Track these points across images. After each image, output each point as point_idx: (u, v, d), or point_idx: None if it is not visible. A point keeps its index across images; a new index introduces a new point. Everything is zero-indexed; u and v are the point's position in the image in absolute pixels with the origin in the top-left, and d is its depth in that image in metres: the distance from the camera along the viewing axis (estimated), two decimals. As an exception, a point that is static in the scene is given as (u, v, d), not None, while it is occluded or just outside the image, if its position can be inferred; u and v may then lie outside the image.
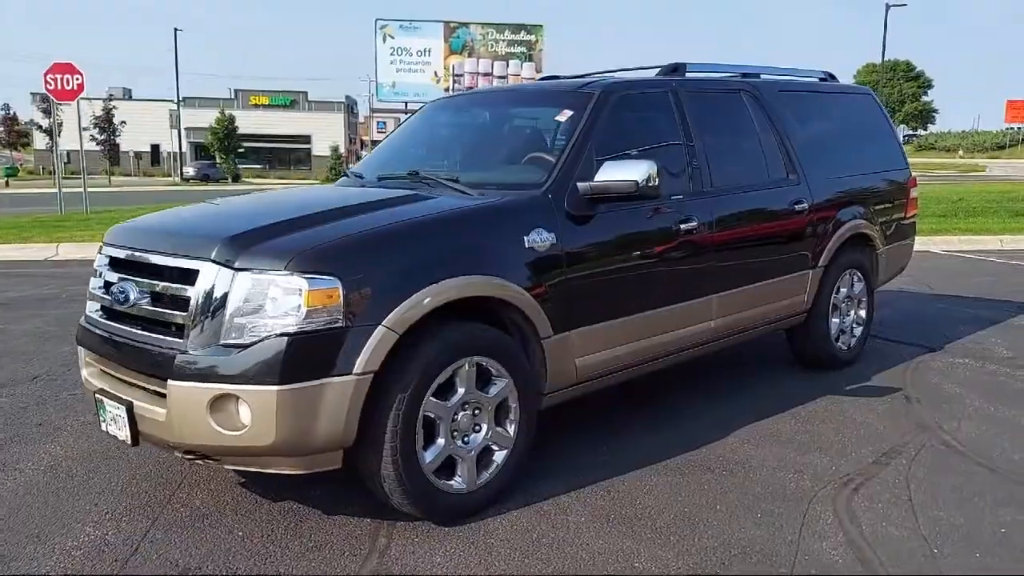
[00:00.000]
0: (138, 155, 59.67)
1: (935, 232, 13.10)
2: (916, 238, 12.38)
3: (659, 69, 4.71)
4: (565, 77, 5.01)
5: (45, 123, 37.58)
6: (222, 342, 2.95)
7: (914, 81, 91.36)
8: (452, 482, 3.28)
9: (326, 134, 59.58)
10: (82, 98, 19.16)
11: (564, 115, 4.02)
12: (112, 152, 52.30)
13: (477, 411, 3.34)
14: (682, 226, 4.14)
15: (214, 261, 3.02)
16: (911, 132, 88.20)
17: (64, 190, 20.07)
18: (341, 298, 2.93)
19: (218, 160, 52.47)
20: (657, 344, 4.12)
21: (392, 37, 33.85)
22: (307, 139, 60.14)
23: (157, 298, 3.21)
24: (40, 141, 57.60)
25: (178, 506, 3.48)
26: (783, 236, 4.83)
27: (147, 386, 3.17)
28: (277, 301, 2.91)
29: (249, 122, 57.92)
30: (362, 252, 3.09)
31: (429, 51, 33.64)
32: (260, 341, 2.89)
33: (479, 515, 3.33)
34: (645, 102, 4.35)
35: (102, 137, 49.10)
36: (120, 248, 3.44)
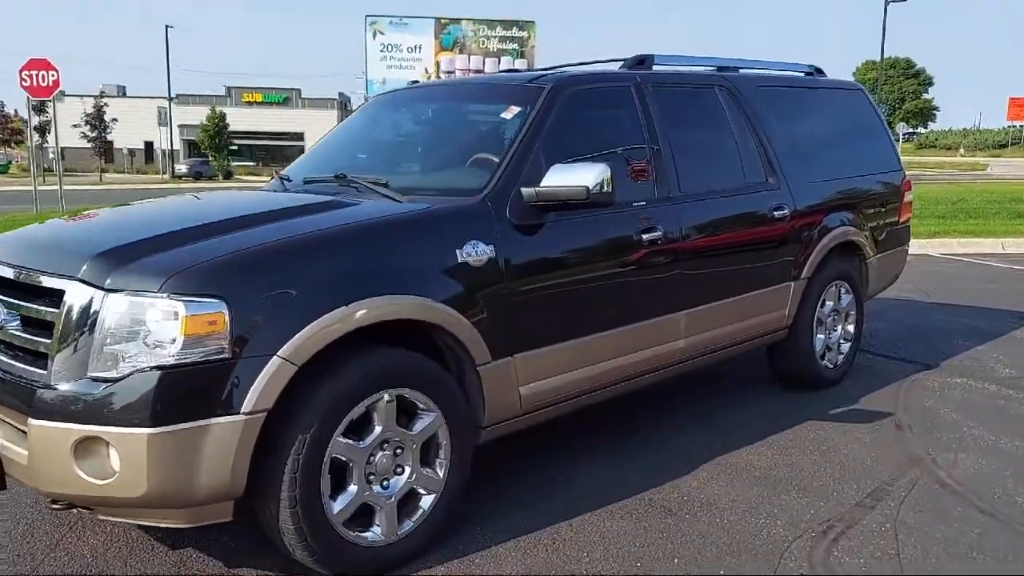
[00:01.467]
0: (132, 152, 59.15)
1: (934, 235, 12.66)
2: (914, 241, 12.22)
3: (622, 62, 4.27)
4: (525, 71, 4.57)
5: (36, 120, 37.07)
6: (90, 374, 2.51)
7: (914, 78, 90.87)
8: (368, 534, 2.84)
9: (319, 131, 58.53)
10: (72, 95, 18.78)
11: (510, 112, 3.58)
12: (106, 149, 51.81)
13: (399, 451, 2.90)
14: (644, 236, 3.69)
15: (82, 280, 2.58)
16: (911, 130, 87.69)
17: (51, 188, 19.63)
18: (227, 324, 2.49)
19: (209, 158, 51.98)
20: (617, 367, 3.68)
21: (382, 33, 33.35)
22: (300, 136, 59.59)
23: (26, 321, 2.77)
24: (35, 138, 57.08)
25: (63, 555, 3.04)
26: (761, 245, 4.39)
27: (12, 422, 2.73)
28: (151, 328, 2.48)
29: (242, 119, 57.40)
30: (255, 270, 2.64)
31: (420, 47, 33.16)
32: (131, 375, 2.45)
33: (398, 571, 2.89)
34: (604, 98, 3.90)
35: (93, 134, 48.60)
36: (-7, 262, 2.99)
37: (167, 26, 49.35)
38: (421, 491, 2.98)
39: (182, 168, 51.73)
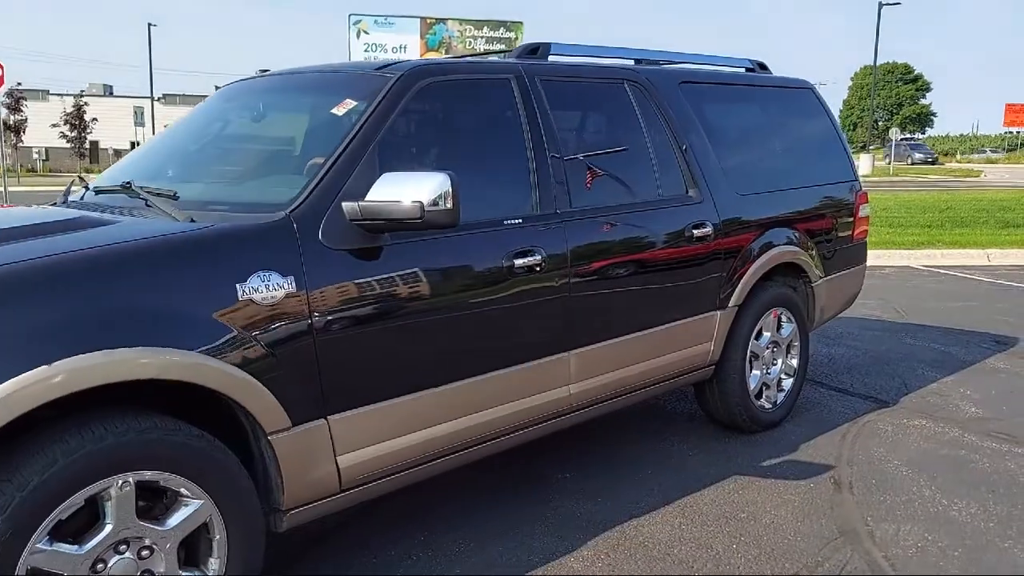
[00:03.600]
0: (117, 152, 58.45)
1: (918, 245, 11.98)
2: (897, 252, 11.63)
3: (510, 51, 3.60)
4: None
5: (11, 119, 36.38)
6: None
7: (912, 84, 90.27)
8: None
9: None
10: (57, 94, 18.17)
11: (343, 107, 2.90)
12: (92, 149, 51.04)
13: (145, 553, 2.21)
14: (518, 261, 3.02)
15: None
16: (907, 136, 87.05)
17: (29, 189, 19.01)
18: None
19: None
20: (480, 424, 3.01)
21: (367, 32, 32.60)
22: (291, 136, 58.94)
23: None
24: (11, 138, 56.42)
25: None
26: (676, 270, 3.71)
27: None
28: None
29: (231, 119, 56.65)
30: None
31: (405, 47, 32.37)
32: None
33: None
34: (472, 92, 3.22)
35: (72, 134, 47.83)
36: None
37: (150, 24, 48.61)
38: (188, 600, 2.30)
39: (167, 169, 50.86)
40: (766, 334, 4.31)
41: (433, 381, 2.83)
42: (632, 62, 4.05)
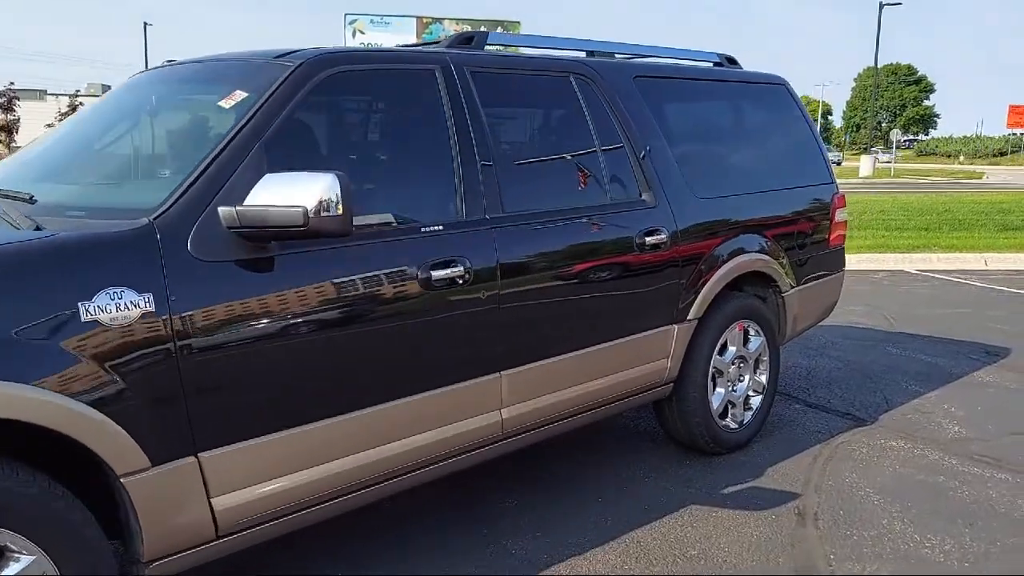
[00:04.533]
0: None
1: (913, 248, 11.64)
2: (892, 256, 11.28)
3: (442, 40, 3.29)
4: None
5: (4, 120, 36.05)
6: None
7: (915, 85, 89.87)
8: None
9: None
10: (51, 94, 17.96)
11: (231, 99, 2.58)
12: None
13: (-38, 616, 1.90)
14: (436, 273, 2.70)
15: None
16: (911, 137, 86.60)
17: None
18: None
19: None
20: (391, 457, 2.68)
21: (362, 32, 32.35)
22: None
23: None
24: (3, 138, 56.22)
25: None
26: (625, 280, 3.39)
27: None
28: None
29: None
30: None
31: (400, 47, 32.20)
32: None
33: None
34: (389, 84, 2.90)
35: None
36: None
37: (145, 23, 48.34)
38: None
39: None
40: (731, 348, 3.98)
41: (331, 410, 2.51)
42: (584, 54, 3.73)
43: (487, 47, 3.30)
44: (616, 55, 3.86)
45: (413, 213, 2.78)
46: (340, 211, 2.26)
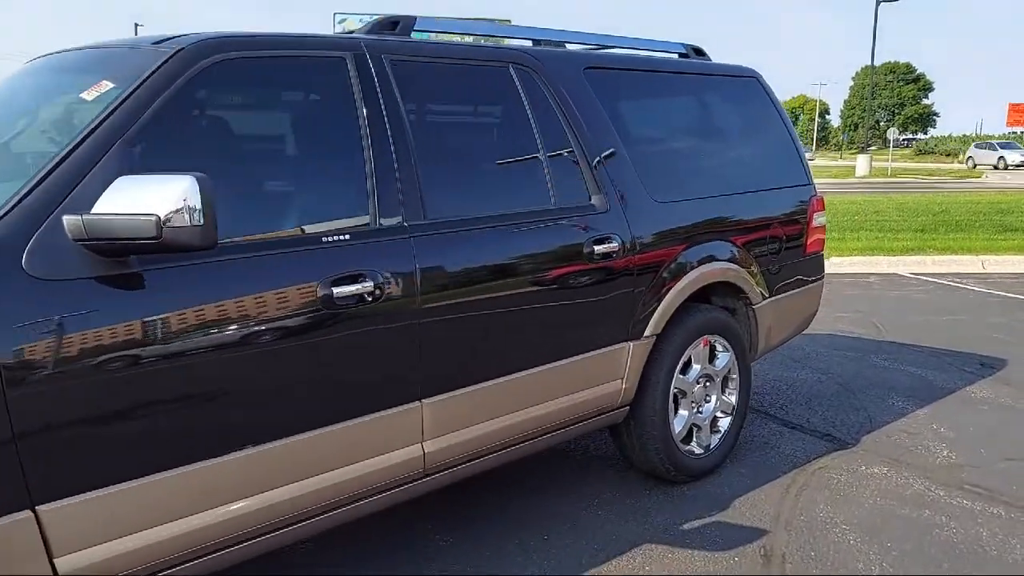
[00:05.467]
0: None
1: (908, 251, 11.29)
2: (886, 259, 10.91)
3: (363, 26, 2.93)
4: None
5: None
6: None
7: (914, 84, 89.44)
8: None
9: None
10: None
11: (95, 90, 2.24)
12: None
13: None
14: (337, 289, 2.35)
15: None
16: (910, 136, 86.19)
17: None
18: None
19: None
20: (283, 502, 2.33)
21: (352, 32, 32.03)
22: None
23: None
24: None
25: None
26: (570, 293, 3.03)
27: None
28: None
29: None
30: None
31: (391, 46, 31.76)
32: None
33: None
34: (288, 74, 2.54)
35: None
36: None
37: (136, 24, 48.04)
38: None
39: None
40: (696, 366, 3.63)
41: (209, 452, 2.16)
42: (529, 43, 3.38)
43: (416, 33, 2.95)
44: (567, 44, 3.50)
45: (315, 221, 2.43)
46: (202, 220, 1.91)
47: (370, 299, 2.42)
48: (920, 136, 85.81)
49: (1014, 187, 26.49)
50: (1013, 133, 66.37)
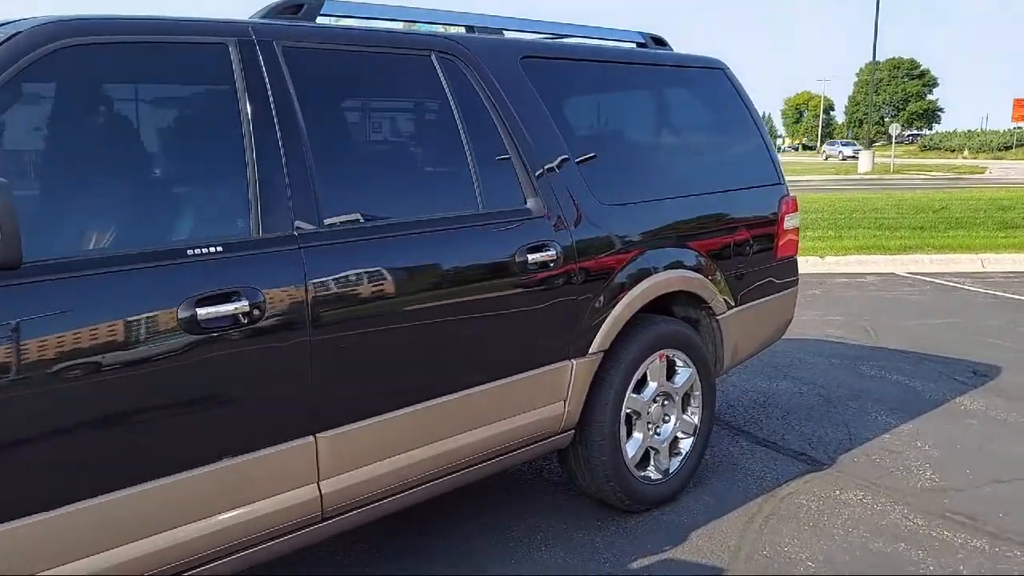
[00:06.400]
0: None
1: (906, 249, 10.95)
2: (882, 258, 10.56)
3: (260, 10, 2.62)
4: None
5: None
6: None
7: (918, 79, 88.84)
8: None
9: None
10: None
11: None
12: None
13: None
14: (202, 310, 2.03)
15: None
16: (915, 132, 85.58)
17: None
18: None
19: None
20: (151, 554, 2.02)
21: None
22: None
23: None
24: None
25: None
26: (500, 308, 2.71)
27: None
28: None
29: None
30: None
31: (386, 45, 31.52)
32: None
33: None
34: (154, 63, 2.23)
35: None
36: None
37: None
38: None
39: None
40: (651, 384, 3.30)
41: (67, 495, 1.85)
42: (463, 29, 3.06)
43: (322, 18, 2.64)
44: (505, 32, 3.18)
45: (178, 233, 2.12)
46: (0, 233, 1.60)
47: (246, 320, 2.11)
48: (925, 132, 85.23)
49: (1016, 183, 26.08)
50: (1018, 128, 65.80)
